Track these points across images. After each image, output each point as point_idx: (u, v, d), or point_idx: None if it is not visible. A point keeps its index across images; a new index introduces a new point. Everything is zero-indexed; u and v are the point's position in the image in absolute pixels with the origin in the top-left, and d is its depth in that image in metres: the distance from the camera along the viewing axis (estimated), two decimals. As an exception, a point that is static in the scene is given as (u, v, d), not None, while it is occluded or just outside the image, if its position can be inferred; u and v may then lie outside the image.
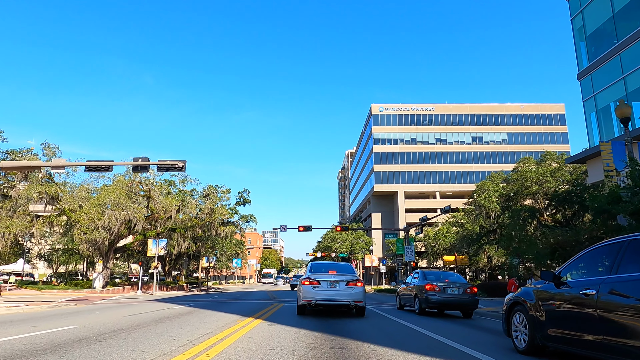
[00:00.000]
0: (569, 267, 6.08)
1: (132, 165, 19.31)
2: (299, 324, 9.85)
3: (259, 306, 16.17)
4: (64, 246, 48.36)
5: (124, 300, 22.04)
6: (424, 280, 14.02)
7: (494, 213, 42.16)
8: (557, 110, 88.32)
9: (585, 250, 6.02)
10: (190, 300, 22.25)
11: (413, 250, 35.36)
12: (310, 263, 13.29)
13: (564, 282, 5.78)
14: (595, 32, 20.32)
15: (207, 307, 15.26)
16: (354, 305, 11.61)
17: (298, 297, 12.12)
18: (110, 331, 8.11)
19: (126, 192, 38.97)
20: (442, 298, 13.35)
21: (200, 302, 19.26)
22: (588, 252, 5.90)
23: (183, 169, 19.37)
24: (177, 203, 39.83)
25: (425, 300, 13.51)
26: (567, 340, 5.46)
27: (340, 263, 13.69)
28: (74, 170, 38.19)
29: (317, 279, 11.61)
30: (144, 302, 19.72)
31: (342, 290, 11.56)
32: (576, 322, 5.28)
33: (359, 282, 11.83)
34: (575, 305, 5.36)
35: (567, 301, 5.56)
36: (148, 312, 12.84)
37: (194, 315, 11.56)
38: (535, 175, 39.43)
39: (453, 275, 14.78)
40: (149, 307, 15.96)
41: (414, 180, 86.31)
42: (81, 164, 19.56)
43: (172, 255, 52.97)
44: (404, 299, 15.96)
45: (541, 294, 6.17)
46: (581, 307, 5.21)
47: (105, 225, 35.91)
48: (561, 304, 5.69)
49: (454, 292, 13.36)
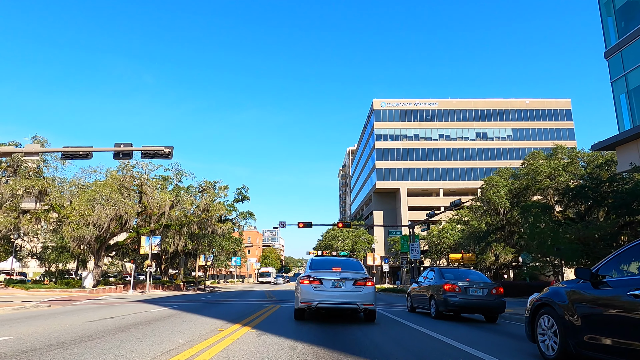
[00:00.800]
0: (608, 265, 5.31)
1: (114, 152, 17.47)
2: (296, 333, 7.98)
3: (252, 308, 14.28)
4: (55, 244, 46.62)
5: (108, 301, 20.20)
6: (442, 279, 12.13)
7: (503, 209, 40.23)
8: (563, 106, 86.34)
9: (629, 245, 5.21)
10: (180, 300, 20.39)
11: (419, 248, 33.48)
12: (310, 259, 11.34)
13: (602, 282, 5.10)
14: (625, 5, 18.39)
15: (191, 310, 13.38)
16: (362, 308, 9.76)
17: (296, 299, 10.29)
18: (43, 346, 6.24)
19: (118, 187, 37.13)
20: (463, 300, 11.44)
21: (188, 304, 17.40)
22: (632, 247, 5.12)
23: (170, 156, 17.52)
24: (170, 198, 37.92)
25: (443, 303, 11.64)
26: (609, 349, 4.78)
27: (346, 259, 11.71)
28: (63, 164, 36.42)
29: (318, 277, 9.83)
30: (126, 304, 17.88)
31: (348, 290, 9.71)
32: (623, 328, 4.60)
33: (369, 280, 9.94)
34: (622, 308, 4.67)
35: (610, 303, 4.88)
36: (118, 317, 10.96)
37: (169, 321, 9.67)
38: (547, 169, 37.52)
39: (474, 273, 12.81)
40: (126, 309, 14.11)
41: (417, 177, 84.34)
42: (57, 150, 17.75)
43: (169, 253, 51.24)
44: (416, 300, 14.05)
45: (575, 294, 5.44)
46: (630, 311, 4.53)
47: (94, 222, 34.09)
48: (602, 307, 5.00)
49: (477, 293, 11.42)
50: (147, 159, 17.40)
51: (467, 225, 56.88)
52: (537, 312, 6.17)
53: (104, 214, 34.27)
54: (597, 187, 34.31)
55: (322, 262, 11.04)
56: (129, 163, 37.17)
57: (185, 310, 13.40)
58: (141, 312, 12.81)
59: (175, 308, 14.38)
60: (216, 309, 13.76)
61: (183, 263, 57.83)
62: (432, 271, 13.14)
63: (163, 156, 17.54)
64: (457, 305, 11.44)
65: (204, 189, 43.68)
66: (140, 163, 37.01)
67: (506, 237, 45.27)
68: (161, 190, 42.05)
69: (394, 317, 12.25)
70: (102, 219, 34.22)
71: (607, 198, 34.25)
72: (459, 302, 11.42)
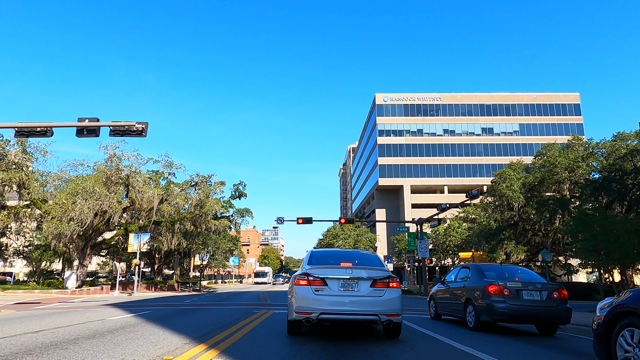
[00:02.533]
0: None
1: (77, 128, 14.77)
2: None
3: (237, 316, 11.52)
4: (40, 242, 43.98)
5: (80, 305, 17.48)
6: (482, 278, 9.26)
7: (517, 204, 37.45)
8: (571, 100, 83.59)
9: None
10: (158, 304, 17.62)
11: (427, 245, 30.73)
12: (309, 251, 8.36)
13: None
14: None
15: (158, 319, 10.59)
16: (385, 320, 6.81)
17: (289, 307, 7.43)
18: None
19: (104, 181, 34.38)
20: (516, 306, 8.49)
21: (163, 309, 14.65)
22: None
23: (144, 133, 14.83)
24: (159, 192, 35.10)
25: (487, 310, 8.74)
26: None
27: (359, 251, 8.89)
28: (43, 155, 33.62)
29: (321, 275, 7.00)
30: (95, 308, 15.17)
31: (364, 294, 6.85)
32: None
33: (393, 281, 7.06)
34: None
35: None
36: (48, 330, 8.20)
37: (107, 340, 6.85)
38: (565, 161, 34.75)
39: (522, 270, 9.91)
40: (82, 316, 11.41)
41: (421, 173, 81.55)
42: (9, 125, 15.00)
43: (162, 252, 48.55)
44: (442, 305, 11.21)
45: None
46: None
47: (76, 217, 31.36)
48: None
49: (534, 298, 8.48)
50: (117, 136, 14.65)
51: (473, 223, 54.29)
52: (614, 323, 4.73)
53: (86, 208, 31.55)
54: (621, 178, 31.67)
55: (326, 255, 8.22)
56: (115, 154, 34.41)
57: (151, 318, 10.61)
58: (94, 321, 10.06)
59: (142, 315, 11.61)
60: (189, 318, 10.97)
61: (178, 262, 55.05)
62: (467, 268, 10.27)
63: (136, 133, 14.85)
64: (507, 313, 8.51)
65: (197, 183, 40.87)
66: (126, 154, 34.27)
67: (518, 234, 42.60)
68: (155, 185, 39.23)
69: (418, 327, 9.44)
70: (85, 214, 31.50)
71: (631, 191, 31.62)
72: (509, 309, 8.49)
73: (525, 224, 41.20)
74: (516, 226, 41.67)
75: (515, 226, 41.77)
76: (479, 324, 8.93)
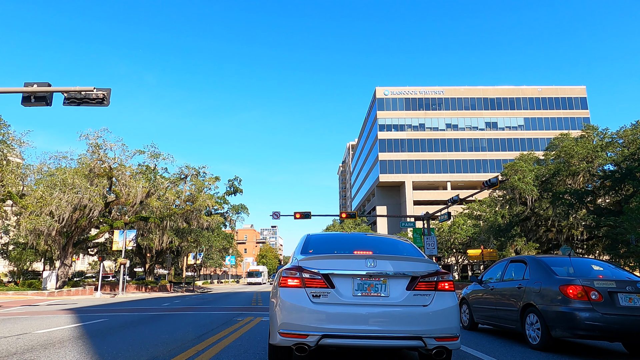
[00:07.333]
0: None
1: (23, 94, 12.21)
2: None
3: (212, 326, 8.89)
4: (21, 240, 41.33)
5: (38, 310, 14.97)
6: (551, 276, 6.48)
7: (531, 197, 34.92)
8: (578, 94, 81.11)
9: None
10: (131, 308, 15.02)
11: (435, 242, 28.14)
12: (305, 236, 5.41)
13: None
14: None
15: (101, 334, 7.86)
16: (435, 347, 4.05)
17: (271, 323, 4.52)
18: None
19: (85, 173, 31.73)
20: (612, 316, 5.74)
21: (126, 316, 12.04)
22: None
23: (105, 101, 12.30)
24: (145, 184, 32.41)
25: (565, 321, 6.00)
26: None
27: (380, 235, 5.76)
28: (20, 145, 30.90)
29: (323, 270, 4.25)
30: (46, 314, 12.63)
31: (397, 302, 4.14)
32: None
33: (445, 279, 4.30)
34: None
35: None
36: None
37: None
38: (583, 151, 32.22)
39: (601, 265, 7.11)
40: (13, 326, 8.78)
41: (423, 169, 78.98)
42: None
43: (153, 250, 45.94)
44: (482, 311, 8.42)
45: None
46: None
47: (53, 211, 28.75)
48: None
49: (636, 304, 5.74)
50: (74, 105, 12.01)
51: (478, 219, 51.82)
52: None
53: (64, 202, 28.91)
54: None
55: (330, 239, 5.38)
56: (97, 144, 31.73)
57: (93, 332, 7.96)
58: (13, 335, 7.43)
59: (89, 325, 8.98)
60: (145, 330, 8.28)
61: (170, 261, 52.38)
62: (521, 262, 7.39)
63: (96, 102, 12.29)
64: (597, 327, 5.74)
65: (187, 175, 38.16)
66: (109, 144, 31.57)
67: (529, 230, 40.14)
68: (146, 180, 36.54)
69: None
70: (62, 208, 28.88)
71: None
72: (602, 320, 5.73)
73: (538, 219, 38.73)
74: (527, 221, 39.21)
75: (527, 221, 39.31)
76: (549, 340, 6.21)
